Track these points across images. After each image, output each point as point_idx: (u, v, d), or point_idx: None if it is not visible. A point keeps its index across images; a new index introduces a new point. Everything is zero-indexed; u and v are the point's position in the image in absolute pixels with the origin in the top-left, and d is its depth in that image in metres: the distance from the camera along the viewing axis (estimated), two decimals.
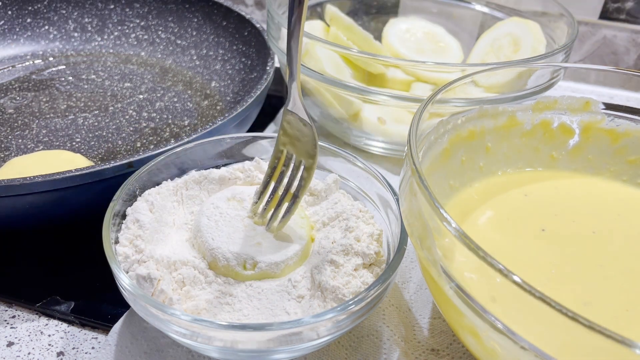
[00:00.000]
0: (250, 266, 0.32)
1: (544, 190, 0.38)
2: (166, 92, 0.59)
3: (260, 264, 0.32)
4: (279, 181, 0.35)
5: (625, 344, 0.19)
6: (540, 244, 0.33)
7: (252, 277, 0.32)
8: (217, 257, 0.32)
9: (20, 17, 0.65)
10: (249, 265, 0.32)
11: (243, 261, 0.32)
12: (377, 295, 0.29)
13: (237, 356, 0.30)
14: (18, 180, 0.34)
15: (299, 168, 0.34)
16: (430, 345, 0.35)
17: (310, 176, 0.34)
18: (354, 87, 0.46)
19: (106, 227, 0.32)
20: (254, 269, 0.32)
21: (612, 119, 0.39)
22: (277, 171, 0.35)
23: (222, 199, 0.36)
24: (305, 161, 0.34)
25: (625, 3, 0.67)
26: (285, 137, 0.34)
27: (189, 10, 0.66)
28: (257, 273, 0.32)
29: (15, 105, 0.56)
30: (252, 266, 0.32)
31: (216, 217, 0.35)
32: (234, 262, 0.32)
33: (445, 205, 0.36)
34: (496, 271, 0.22)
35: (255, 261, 0.32)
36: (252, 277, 0.32)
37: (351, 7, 0.65)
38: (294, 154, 0.34)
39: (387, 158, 0.53)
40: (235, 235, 0.34)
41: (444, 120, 0.37)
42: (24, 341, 0.35)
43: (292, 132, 0.34)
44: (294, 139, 0.34)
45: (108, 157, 0.49)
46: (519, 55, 0.53)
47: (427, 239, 0.27)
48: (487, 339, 0.25)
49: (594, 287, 0.30)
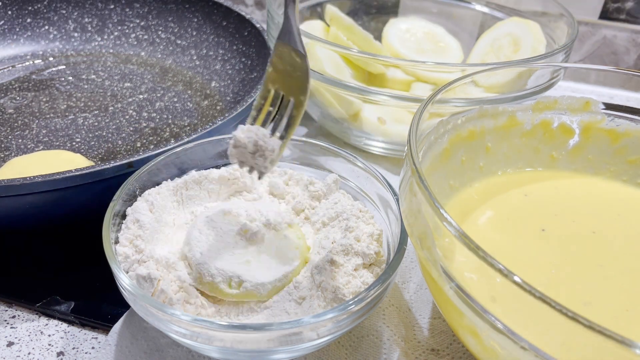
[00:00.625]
0: (235, 285, 0.31)
1: (544, 190, 0.38)
2: (166, 92, 0.59)
3: (245, 283, 0.31)
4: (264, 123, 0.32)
5: (625, 344, 0.19)
6: (540, 244, 0.33)
7: (236, 296, 0.31)
8: (202, 272, 0.31)
9: (20, 17, 0.65)
10: (234, 284, 0.31)
11: (229, 279, 0.31)
12: (377, 295, 0.29)
13: (237, 356, 0.30)
14: (18, 180, 0.34)
15: (287, 107, 0.32)
16: (430, 345, 0.35)
17: (299, 114, 0.31)
18: (354, 87, 0.46)
19: (106, 227, 0.32)
20: (239, 288, 0.31)
21: (612, 119, 0.39)
22: (264, 112, 0.32)
23: (219, 213, 0.34)
24: (296, 98, 0.31)
25: (625, 3, 0.67)
26: (275, 73, 0.32)
27: (189, 10, 0.66)
28: (241, 293, 0.31)
29: (15, 105, 0.56)
30: (237, 285, 0.31)
31: (208, 231, 0.33)
32: (219, 278, 0.31)
33: (445, 205, 0.36)
34: (496, 271, 0.22)
35: (241, 280, 0.31)
36: (237, 296, 0.31)
37: (351, 7, 0.65)
38: (282, 93, 0.32)
39: (387, 158, 0.53)
40: (224, 251, 0.32)
41: (444, 120, 0.37)
42: (24, 341, 0.35)
43: (283, 67, 0.31)
44: (285, 74, 0.31)
45: (108, 157, 0.49)
46: (519, 55, 0.53)
47: (427, 239, 0.27)
48: (487, 339, 0.25)
49: (594, 287, 0.30)
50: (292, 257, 0.33)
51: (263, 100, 0.32)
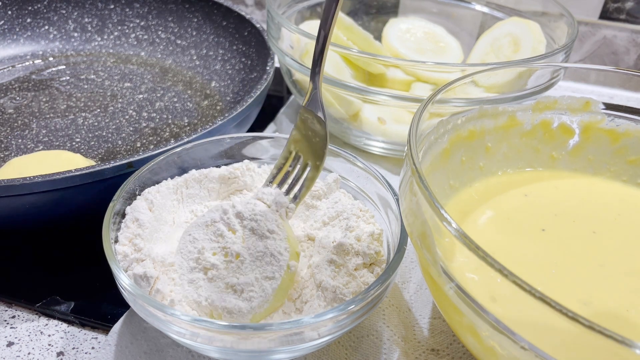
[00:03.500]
0: (217, 316, 0.30)
1: (544, 190, 0.38)
2: (166, 92, 0.59)
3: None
4: (282, 182, 0.35)
5: (625, 344, 0.19)
6: (540, 244, 0.33)
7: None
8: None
9: (20, 17, 0.65)
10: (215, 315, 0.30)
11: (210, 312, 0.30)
12: (377, 295, 0.29)
13: (237, 356, 0.30)
14: (18, 180, 0.34)
15: (304, 170, 0.34)
16: (430, 345, 0.35)
17: (315, 178, 0.34)
18: (354, 87, 0.46)
19: (106, 227, 0.32)
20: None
21: (612, 119, 0.39)
22: (283, 171, 0.35)
23: (201, 225, 0.32)
24: (312, 162, 0.34)
25: (625, 3, 0.67)
26: (299, 136, 0.34)
27: (189, 10, 0.66)
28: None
29: (15, 105, 0.56)
30: (218, 316, 0.30)
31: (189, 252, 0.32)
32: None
33: (445, 205, 0.36)
34: (496, 271, 0.22)
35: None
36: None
37: (351, 7, 0.65)
38: (301, 156, 0.35)
39: (387, 158, 0.53)
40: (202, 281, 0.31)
41: (444, 120, 0.37)
42: (24, 341, 0.35)
43: (305, 132, 0.34)
44: (306, 139, 0.34)
45: (108, 157, 0.49)
46: (519, 55, 0.53)
47: (427, 239, 0.27)
48: (487, 339, 0.25)
49: (594, 287, 0.30)
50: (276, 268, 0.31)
51: (284, 160, 0.35)
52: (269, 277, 0.30)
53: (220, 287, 0.30)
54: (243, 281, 0.30)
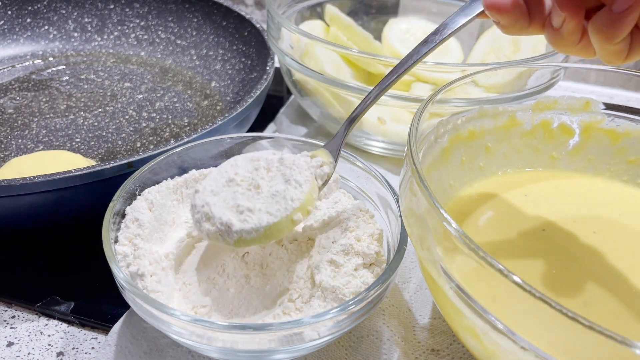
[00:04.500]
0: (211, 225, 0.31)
1: (544, 190, 0.38)
2: (166, 92, 0.59)
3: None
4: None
5: (625, 344, 0.19)
6: (540, 244, 0.33)
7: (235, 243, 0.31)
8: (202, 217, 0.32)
9: (20, 17, 0.65)
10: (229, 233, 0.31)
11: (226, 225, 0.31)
12: (377, 295, 0.29)
13: (237, 356, 0.30)
14: (18, 180, 0.34)
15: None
16: (430, 346, 0.35)
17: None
18: (354, 87, 0.46)
19: (106, 227, 0.32)
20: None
21: (612, 119, 0.39)
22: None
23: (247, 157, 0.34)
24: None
25: None
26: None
27: (189, 10, 0.66)
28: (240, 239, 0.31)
29: (15, 105, 0.56)
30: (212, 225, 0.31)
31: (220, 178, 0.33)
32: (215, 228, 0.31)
33: (445, 205, 0.36)
34: (496, 271, 0.22)
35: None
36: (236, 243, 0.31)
37: (351, 7, 0.65)
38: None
39: (387, 158, 0.53)
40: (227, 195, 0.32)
41: (444, 120, 0.37)
42: (24, 341, 0.35)
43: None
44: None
45: (108, 157, 0.49)
46: (519, 55, 0.53)
47: (427, 239, 0.27)
48: (487, 339, 0.25)
49: (594, 287, 0.30)
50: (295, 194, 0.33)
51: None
52: (270, 213, 0.31)
53: (230, 204, 0.32)
54: (247, 206, 0.31)
